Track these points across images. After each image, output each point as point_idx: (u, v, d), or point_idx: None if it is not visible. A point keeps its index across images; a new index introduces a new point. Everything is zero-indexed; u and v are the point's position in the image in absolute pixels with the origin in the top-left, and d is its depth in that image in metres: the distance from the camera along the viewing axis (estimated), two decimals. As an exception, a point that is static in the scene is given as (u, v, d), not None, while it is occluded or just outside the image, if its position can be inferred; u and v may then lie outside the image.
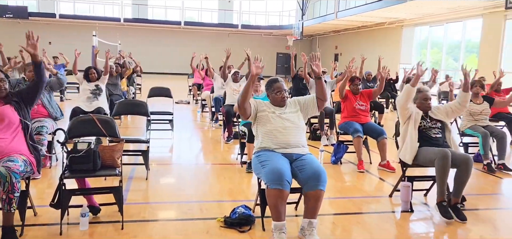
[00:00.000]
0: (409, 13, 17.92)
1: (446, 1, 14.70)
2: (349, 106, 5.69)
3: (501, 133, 5.68)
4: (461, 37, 17.80)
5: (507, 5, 9.65)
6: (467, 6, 15.25)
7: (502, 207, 4.28)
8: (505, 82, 7.70)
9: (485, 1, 14.04)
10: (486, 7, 14.73)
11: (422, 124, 4.04)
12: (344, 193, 4.48)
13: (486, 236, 3.43)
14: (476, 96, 5.89)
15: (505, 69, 7.95)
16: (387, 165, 5.29)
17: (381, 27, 21.43)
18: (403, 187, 3.89)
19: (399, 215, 3.83)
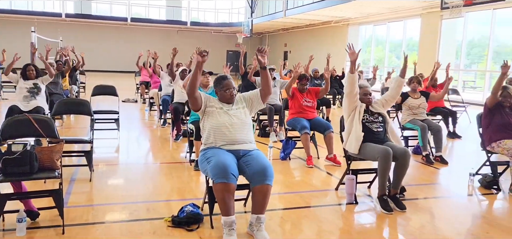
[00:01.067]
0: (354, 12, 18.52)
1: (387, 1, 15.35)
2: (296, 103, 5.79)
3: (437, 126, 6.02)
4: (402, 36, 18.67)
5: (443, 6, 10.25)
6: (406, 7, 16.01)
7: (439, 196, 4.53)
8: (440, 78, 8.15)
9: (423, 2, 14.81)
10: (424, 7, 15.54)
11: (365, 117, 4.18)
12: (293, 188, 4.56)
13: (425, 224, 3.62)
14: (414, 91, 6.21)
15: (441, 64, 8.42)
16: (333, 158, 5.44)
17: (328, 26, 22.00)
18: (347, 180, 4.01)
19: (344, 207, 3.96)
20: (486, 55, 14.95)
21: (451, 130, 7.80)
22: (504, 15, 14.50)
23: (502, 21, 14.90)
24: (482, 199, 4.38)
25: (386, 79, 12.18)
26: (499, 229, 3.56)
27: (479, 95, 14.81)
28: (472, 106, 10.82)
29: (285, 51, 27.85)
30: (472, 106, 10.36)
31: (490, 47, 14.56)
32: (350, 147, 4.14)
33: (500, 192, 4.51)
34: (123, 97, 11.83)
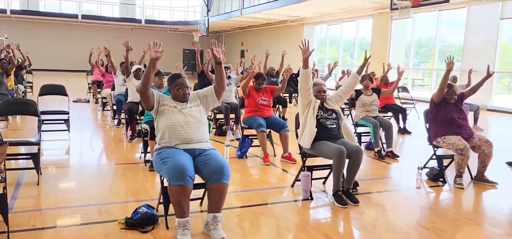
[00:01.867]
0: (309, 12, 18.85)
1: (340, 2, 15.74)
2: (252, 101, 5.81)
3: (388, 123, 6.25)
4: (355, 36, 19.22)
5: (392, 7, 10.64)
6: (359, 7, 16.49)
7: (391, 189, 4.71)
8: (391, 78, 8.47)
9: (374, 2, 15.31)
10: (375, 8, 16.08)
11: (319, 114, 4.26)
12: (250, 186, 4.57)
13: (378, 217, 3.75)
14: (366, 88, 6.42)
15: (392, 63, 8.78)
16: (288, 156, 5.51)
17: (284, 25, 22.25)
18: (303, 177, 4.08)
19: (300, 203, 4.01)
20: (433, 54, 15.69)
21: (401, 126, 8.12)
22: (449, 16, 15.30)
23: (447, 22, 15.71)
24: (429, 191, 4.59)
25: (341, 79, 12.50)
26: (445, 219, 3.75)
27: (427, 93, 15.51)
28: (421, 103, 11.33)
29: (242, 50, 27.88)
30: (420, 103, 10.85)
31: (436, 47, 15.30)
32: (304, 142, 4.19)
33: (446, 184, 4.75)
34: (74, 97, 11.40)
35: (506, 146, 6.29)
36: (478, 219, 3.88)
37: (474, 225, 3.68)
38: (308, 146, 4.15)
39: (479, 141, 4.77)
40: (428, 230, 3.49)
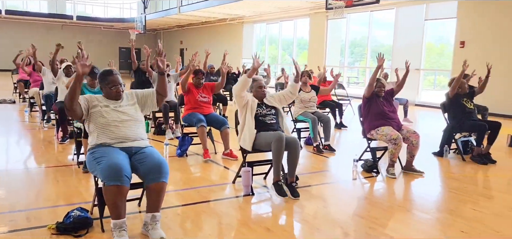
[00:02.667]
0: (247, 10, 18.97)
1: (278, 1, 16.00)
2: (192, 99, 5.72)
3: (327, 117, 6.45)
4: (293, 35, 19.63)
5: (327, 6, 11.00)
6: (296, 6, 16.87)
7: (329, 182, 4.85)
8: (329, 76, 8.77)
9: (311, 2, 15.74)
10: (311, 8, 16.54)
11: (258, 111, 4.30)
12: (191, 184, 4.49)
13: (318, 209, 3.84)
14: (305, 85, 6.57)
15: (328, 63, 9.09)
16: (230, 153, 5.50)
17: (223, 23, 22.21)
18: (243, 173, 4.08)
19: (242, 199, 4.01)
20: (366, 53, 16.45)
21: (338, 121, 8.43)
22: (379, 17, 16.11)
23: (378, 23, 16.53)
24: (364, 182, 4.79)
25: (279, 78, 12.71)
26: (379, 207, 3.93)
27: (362, 90, 16.17)
28: (356, 99, 11.81)
29: (181, 49, 27.44)
30: (355, 100, 11.30)
31: (369, 46, 16.06)
32: (244, 144, 4.23)
33: (379, 174, 4.98)
34: (-3, 98, 10.58)
35: (432, 137, 6.74)
36: (408, 206, 4.11)
37: (405, 212, 3.89)
38: (249, 148, 4.19)
39: (407, 132, 5.07)
40: (364, 218, 3.64)
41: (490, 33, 11.39)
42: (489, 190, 4.80)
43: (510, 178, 5.23)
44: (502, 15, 11.10)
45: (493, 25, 11.33)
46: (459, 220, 3.62)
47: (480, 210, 3.90)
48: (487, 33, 11.46)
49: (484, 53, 11.44)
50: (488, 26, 11.45)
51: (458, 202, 4.17)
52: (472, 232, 3.36)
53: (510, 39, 10.92)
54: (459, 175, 5.22)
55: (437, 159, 5.96)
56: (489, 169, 5.48)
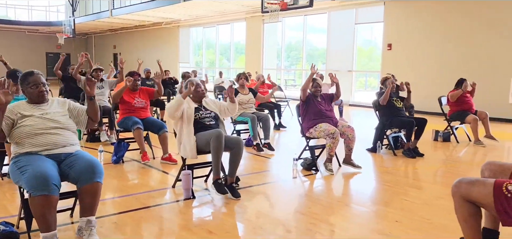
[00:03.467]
0: (183, 14, 18.72)
1: (215, 4, 15.95)
2: (127, 103, 5.50)
3: (266, 116, 6.53)
4: (231, 39, 19.68)
5: (263, 9, 11.14)
6: (233, 10, 16.93)
7: (270, 181, 4.88)
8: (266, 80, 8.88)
9: (247, 6, 15.87)
10: (247, 11, 16.68)
11: (197, 115, 4.22)
12: (128, 191, 4.30)
13: (260, 209, 3.85)
14: (242, 87, 6.60)
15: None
16: (169, 157, 5.35)
17: (158, 27, 21.73)
18: (183, 176, 3.99)
19: (182, 203, 3.91)
20: (301, 57, 16.90)
21: (277, 122, 8.55)
22: (313, 21, 16.64)
23: (312, 28, 17.07)
24: (304, 180, 4.89)
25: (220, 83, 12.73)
26: (319, 203, 4.03)
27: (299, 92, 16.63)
28: (293, 101, 12.05)
29: (114, 54, 26.44)
30: (293, 101, 11.54)
31: (304, 50, 16.52)
32: (186, 154, 4.13)
33: (318, 172, 5.11)
34: None
35: (366, 135, 7.05)
36: (346, 200, 4.26)
37: (343, 206, 4.02)
38: (191, 156, 4.10)
39: (343, 127, 5.26)
40: (305, 215, 3.70)
41: (415, 35, 12.18)
42: (418, 181, 5.10)
43: (436, 169, 5.60)
44: (426, 17, 11.92)
45: (417, 27, 12.13)
46: (393, 211, 3.81)
47: (411, 200, 4.13)
48: (412, 35, 12.25)
49: (409, 55, 12.23)
50: (413, 29, 12.24)
51: (391, 194, 4.38)
52: (404, 221, 3.54)
53: (433, 40, 11.76)
54: (392, 168, 5.50)
55: (371, 154, 6.23)
56: (418, 162, 5.83)
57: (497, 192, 2.32)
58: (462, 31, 11.13)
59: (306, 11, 14.23)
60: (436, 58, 11.61)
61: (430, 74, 11.55)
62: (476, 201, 2.43)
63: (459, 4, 11.15)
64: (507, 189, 2.30)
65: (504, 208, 2.30)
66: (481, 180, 2.47)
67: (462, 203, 2.47)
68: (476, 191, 2.41)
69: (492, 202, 2.33)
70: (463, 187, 2.47)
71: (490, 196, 2.33)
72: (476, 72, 10.19)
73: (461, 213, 2.49)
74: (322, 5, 13.99)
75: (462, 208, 2.48)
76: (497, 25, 10.31)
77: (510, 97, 10.36)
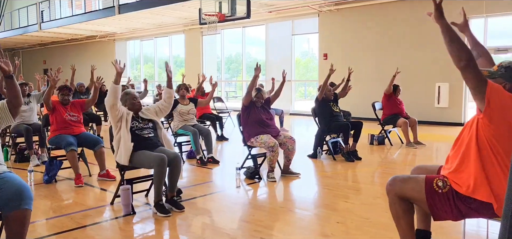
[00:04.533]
0: (119, 27, 18.17)
1: (152, 18, 15.64)
2: (59, 118, 5.19)
3: (207, 130, 6.44)
4: (169, 52, 19.37)
5: (201, 21, 11.09)
6: (170, 23, 16.70)
7: (214, 192, 4.83)
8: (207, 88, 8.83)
9: (185, 18, 15.74)
10: (186, 24, 16.55)
11: (134, 125, 4.09)
12: (62, 211, 4.04)
13: (204, 220, 3.78)
14: (183, 98, 6.50)
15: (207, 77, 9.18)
16: (106, 174, 5.12)
17: (93, 41, 20.89)
18: (122, 191, 3.83)
19: (122, 220, 3.75)
20: (242, 69, 17.02)
21: (219, 133, 8.51)
22: (252, 34, 16.86)
23: (251, 40, 17.29)
24: (248, 188, 4.88)
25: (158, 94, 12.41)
26: (263, 210, 4.04)
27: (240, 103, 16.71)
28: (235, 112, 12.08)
29: (45, 69, 24.96)
30: (234, 113, 11.56)
31: (243, 62, 16.66)
32: (121, 159, 3.98)
33: (261, 180, 5.13)
34: None
35: (306, 142, 7.22)
36: (289, 206, 4.31)
37: (287, 211, 4.06)
38: (126, 163, 3.94)
39: (284, 138, 5.33)
40: (249, 222, 3.69)
41: (348, 45, 12.74)
42: (357, 183, 5.30)
43: (373, 171, 5.85)
44: (358, 27, 12.51)
45: (350, 37, 12.70)
46: (334, 213, 3.91)
47: (351, 202, 4.27)
48: (346, 44, 12.79)
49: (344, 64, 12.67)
50: (346, 38, 12.79)
51: (332, 197, 4.50)
52: (346, 222, 3.64)
53: (365, 49, 12.36)
54: (332, 173, 5.67)
55: (311, 160, 6.38)
56: (356, 165, 6.05)
57: (428, 188, 2.45)
58: (392, 41, 11.81)
59: (244, 22, 14.40)
60: (369, 66, 12.20)
61: (363, 81, 12.10)
62: (409, 197, 2.55)
63: (389, 15, 11.83)
64: (437, 184, 2.45)
65: (435, 203, 2.43)
66: (413, 177, 2.60)
67: (396, 199, 2.59)
68: (409, 187, 2.54)
69: (424, 198, 2.46)
70: (397, 184, 2.59)
71: (422, 192, 2.46)
72: (405, 79, 10.82)
73: (395, 209, 2.61)
74: (259, 17, 14.21)
75: (395, 205, 2.60)
76: (424, 36, 11.05)
77: (435, 102, 11.12)
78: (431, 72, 11.07)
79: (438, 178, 2.48)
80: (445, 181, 2.45)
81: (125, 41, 20.62)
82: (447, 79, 10.73)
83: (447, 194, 2.41)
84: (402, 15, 11.53)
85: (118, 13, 15.02)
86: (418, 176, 2.61)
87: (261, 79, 15.15)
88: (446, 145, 7.76)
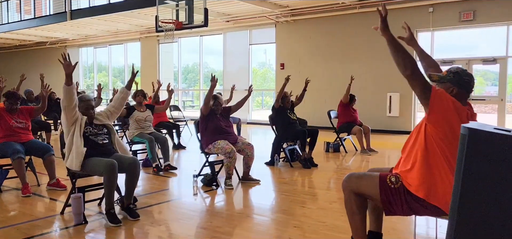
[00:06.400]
0: (70, 34, 17.56)
1: (106, 24, 15.25)
2: (5, 125, 4.91)
3: (163, 138, 6.34)
4: (124, 60, 18.90)
5: (157, 29, 10.93)
6: (126, 30, 16.34)
7: (170, 199, 4.75)
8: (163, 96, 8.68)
9: (141, 26, 15.46)
10: (142, 32, 16.25)
11: (88, 130, 3.95)
12: (7, 222, 3.82)
13: (161, 228, 3.70)
14: (139, 105, 6.36)
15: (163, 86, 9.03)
16: (57, 183, 4.89)
17: (43, 47, 20.01)
18: (73, 199, 3.67)
19: (72, 230, 3.59)
20: (199, 78, 16.92)
21: (176, 142, 8.39)
22: (209, 43, 16.82)
23: (208, 49, 17.23)
24: (205, 195, 4.83)
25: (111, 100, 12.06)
26: (220, 216, 4.02)
27: (197, 112, 16.57)
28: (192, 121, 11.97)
29: (-11, 76, 23.61)
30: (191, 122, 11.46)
31: (201, 72, 16.58)
32: (72, 164, 3.82)
33: (219, 187, 5.10)
34: None
35: (264, 150, 7.26)
36: (247, 211, 4.31)
37: (245, 217, 4.06)
38: (78, 168, 3.80)
39: (243, 144, 5.34)
40: (206, 229, 3.66)
41: (304, 55, 13.00)
42: (313, 189, 5.38)
43: (329, 177, 5.97)
44: (314, 38, 12.79)
45: (306, 47, 12.96)
46: (291, 218, 3.95)
47: (308, 207, 4.34)
48: (302, 54, 13.04)
49: (301, 73, 12.94)
50: (302, 49, 13.05)
51: (289, 202, 4.55)
52: (302, 226, 3.69)
53: (320, 59, 12.66)
54: (289, 179, 5.73)
55: (269, 168, 6.42)
56: (313, 172, 6.15)
57: (382, 184, 2.57)
58: (346, 51, 12.18)
59: (201, 31, 14.35)
60: (324, 76, 12.50)
61: (319, 90, 12.38)
62: (364, 193, 2.66)
63: (343, 27, 12.20)
64: (390, 180, 2.57)
65: (388, 198, 2.54)
66: (368, 174, 2.72)
67: (351, 196, 2.69)
68: (364, 183, 2.65)
69: (378, 193, 2.56)
70: (353, 181, 2.70)
71: (376, 188, 2.58)
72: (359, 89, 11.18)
73: (350, 205, 2.71)
74: (217, 26, 14.23)
75: (350, 200, 2.70)
76: (376, 47, 11.48)
77: (387, 111, 11.57)
78: (383, 83, 11.51)
79: (391, 175, 2.60)
80: (397, 177, 2.57)
81: (78, 48, 19.93)
82: (397, 89, 11.19)
83: (399, 189, 2.53)
84: (355, 27, 11.92)
85: (70, 19, 14.51)
86: (372, 173, 2.71)
87: (218, 88, 15.13)
88: (397, 152, 8.03)
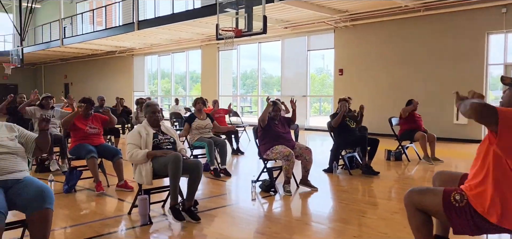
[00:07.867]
0: (137, 43, 18.53)
1: (169, 33, 15.93)
2: (79, 130, 5.31)
3: (222, 141, 6.50)
4: (186, 67, 19.61)
5: (218, 36, 11.22)
6: (187, 38, 16.95)
7: (229, 204, 4.85)
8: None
9: (202, 34, 15.97)
10: (203, 39, 16.77)
11: (155, 142, 4.15)
12: (81, 220, 4.11)
13: (221, 232, 3.79)
14: (199, 112, 6.59)
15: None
16: (124, 184, 5.19)
17: (112, 56, 21.31)
18: (140, 201, 3.88)
19: (139, 229, 3.79)
20: (257, 85, 17.12)
21: (235, 147, 8.55)
22: (267, 50, 16.97)
23: (266, 55, 17.40)
24: (263, 201, 4.89)
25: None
26: (278, 223, 4.04)
27: (255, 118, 16.77)
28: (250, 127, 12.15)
29: (66, 84, 25.56)
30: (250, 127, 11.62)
31: (259, 78, 16.78)
32: (140, 179, 4.03)
33: (277, 193, 5.13)
34: None
35: (322, 157, 7.19)
36: (305, 219, 4.30)
37: (303, 224, 4.05)
38: (149, 184, 4.01)
39: (300, 149, 5.34)
40: (265, 235, 3.69)
41: (364, 60, 12.71)
42: (374, 198, 5.24)
43: (390, 186, 5.79)
44: (375, 42, 12.47)
45: (366, 52, 12.67)
46: (351, 227, 3.88)
47: (368, 216, 4.24)
48: (362, 60, 12.77)
49: (360, 79, 12.72)
50: (362, 54, 12.77)
51: (348, 211, 4.47)
52: (363, 236, 3.61)
53: (382, 65, 12.30)
54: (348, 187, 5.63)
55: (327, 175, 6.35)
56: (373, 181, 5.99)
57: (446, 201, 2.42)
58: (409, 56, 11.74)
59: (260, 38, 14.50)
60: (385, 82, 12.14)
61: (380, 97, 12.04)
62: (427, 209, 2.53)
63: (406, 30, 11.79)
64: (455, 198, 2.41)
65: (453, 217, 2.40)
66: (431, 189, 2.58)
67: (414, 212, 2.57)
68: (427, 200, 2.52)
69: (442, 211, 2.43)
70: (414, 197, 2.58)
71: (440, 205, 2.44)
72: (423, 95, 10.74)
73: (414, 222, 2.59)
74: (275, 32, 14.33)
75: (414, 217, 2.58)
76: (442, 52, 10.97)
77: (454, 118, 10.97)
78: (450, 89, 10.94)
79: (456, 192, 2.44)
80: (462, 195, 2.41)
81: (143, 57, 20.98)
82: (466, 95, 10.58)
83: (464, 208, 2.37)
84: (418, 31, 11.47)
85: (137, 29, 15.34)
86: (436, 188, 2.59)
87: (276, 94, 15.23)
88: (464, 162, 7.64)
